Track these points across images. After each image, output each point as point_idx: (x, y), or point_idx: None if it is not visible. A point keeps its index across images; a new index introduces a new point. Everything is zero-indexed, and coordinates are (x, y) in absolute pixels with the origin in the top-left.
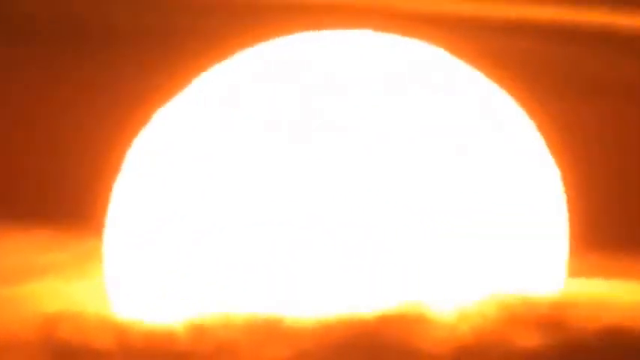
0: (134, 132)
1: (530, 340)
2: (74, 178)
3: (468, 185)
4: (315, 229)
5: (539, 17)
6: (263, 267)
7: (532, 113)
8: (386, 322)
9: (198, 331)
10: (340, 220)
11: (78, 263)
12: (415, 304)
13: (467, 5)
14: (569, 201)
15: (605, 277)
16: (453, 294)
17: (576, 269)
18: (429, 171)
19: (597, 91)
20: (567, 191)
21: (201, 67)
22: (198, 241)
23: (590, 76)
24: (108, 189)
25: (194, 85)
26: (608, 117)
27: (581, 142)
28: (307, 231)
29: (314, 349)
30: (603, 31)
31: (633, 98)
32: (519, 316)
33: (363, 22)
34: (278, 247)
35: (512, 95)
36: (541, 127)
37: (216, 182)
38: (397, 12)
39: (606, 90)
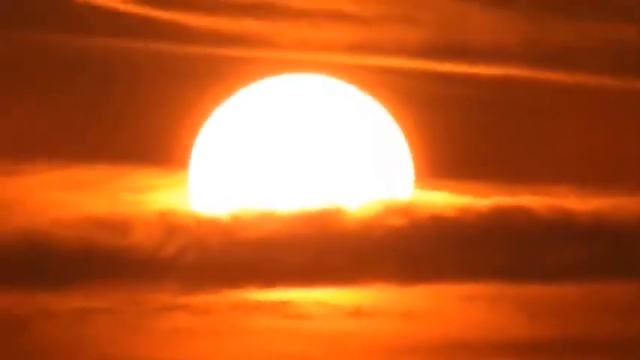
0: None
1: (393, 221)
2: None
3: (357, 150)
4: (293, 173)
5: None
6: (271, 183)
7: (397, 115)
8: (325, 213)
9: (235, 218)
10: (302, 168)
11: (173, 184)
12: (337, 204)
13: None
14: (416, 151)
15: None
16: (356, 199)
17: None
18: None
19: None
20: (414, 148)
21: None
22: (240, 170)
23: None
24: (189, 146)
25: (228, 105)
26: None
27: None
28: (290, 172)
29: (294, 229)
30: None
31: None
32: (390, 208)
33: (308, 69)
34: (276, 174)
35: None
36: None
37: (253, 150)
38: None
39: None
